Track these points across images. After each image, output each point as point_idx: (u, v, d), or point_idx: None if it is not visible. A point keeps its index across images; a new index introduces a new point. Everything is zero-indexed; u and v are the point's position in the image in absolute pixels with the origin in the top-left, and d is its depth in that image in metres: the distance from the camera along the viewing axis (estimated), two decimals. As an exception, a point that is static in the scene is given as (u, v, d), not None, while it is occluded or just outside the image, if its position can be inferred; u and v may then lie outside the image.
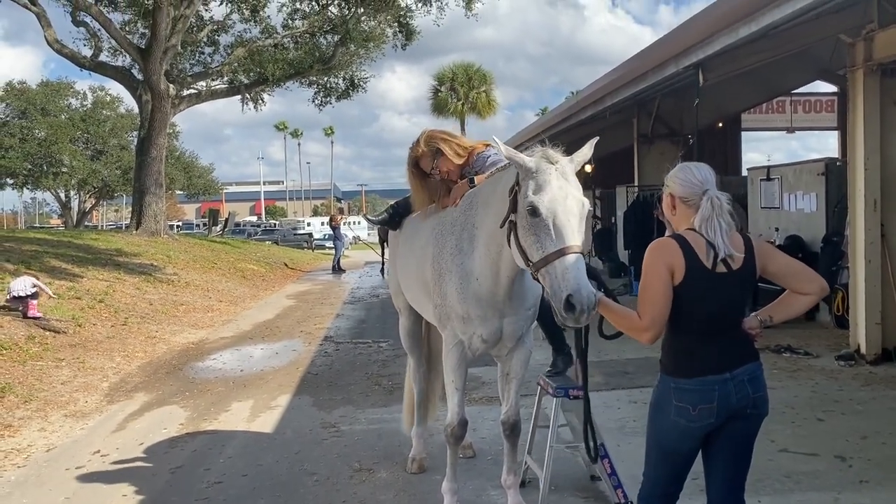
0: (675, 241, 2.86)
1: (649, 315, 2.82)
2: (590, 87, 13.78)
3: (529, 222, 3.22)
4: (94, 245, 18.44)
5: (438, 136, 4.55)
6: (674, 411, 2.88)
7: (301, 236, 46.25)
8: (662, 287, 2.82)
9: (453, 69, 42.31)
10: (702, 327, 2.86)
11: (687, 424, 2.87)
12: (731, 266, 2.84)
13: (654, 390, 3.03)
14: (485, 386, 7.35)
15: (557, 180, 3.23)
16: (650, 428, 3.03)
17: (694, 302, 2.82)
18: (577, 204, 3.22)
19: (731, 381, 2.86)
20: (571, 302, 2.93)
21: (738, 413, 2.89)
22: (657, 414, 2.97)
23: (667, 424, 2.92)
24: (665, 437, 2.95)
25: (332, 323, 12.68)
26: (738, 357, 2.91)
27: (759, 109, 19.31)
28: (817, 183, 10.46)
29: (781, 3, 6.37)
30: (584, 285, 2.96)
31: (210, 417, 6.89)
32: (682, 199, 2.95)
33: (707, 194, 2.88)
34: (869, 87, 7.70)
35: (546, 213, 3.16)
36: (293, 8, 23.78)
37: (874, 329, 7.87)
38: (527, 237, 3.26)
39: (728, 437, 2.94)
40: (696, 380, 2.85)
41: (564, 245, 3.08)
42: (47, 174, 38.69)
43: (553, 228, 3.14)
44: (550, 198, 3.18)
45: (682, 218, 2.97)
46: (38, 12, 21.90)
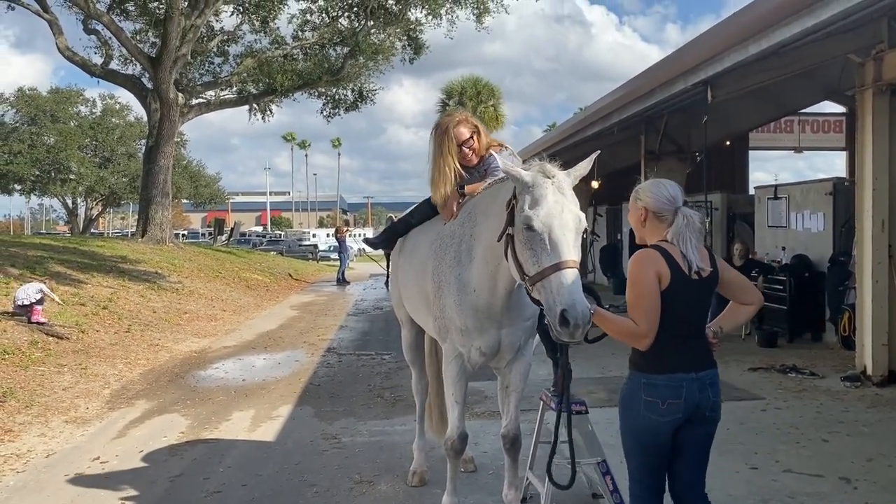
0: (657, 252, 3.06)
1: (644, 319, 3.00)
2: (597, 103, 13.78)
3: (525, 236, 3.23)
4: (99, 252, 18.48)
5: (473, 120, 4.51)
6: (643, 406, 3.06)
7: (306, 247, 46.32)
8: (653, 292, 3.00)
9: (462, 83, 42.43)
10: (677, 329, 3.05)
11: (656, 419, 3.05)
12: (702, 275, 3.07)
13: (622, 387, 3.19)
14: (487, 400, 7.30)
15: (553, 195, 3.23)
16: (622, 424, 3.18)
17: (674, 306, 3.01)
18: (573, 218, 3.22)
19: (697, 382, 3.07)
20: (566, 316, 2.96)
21: (697, 414, 3.09)
22: (627, 409, 3.13)
23: (638, 420, 3.09)
24: (640, 433, 3.11)
25: (335, 334, 12.65)
26: (704, 361, 3.14)
27: (766, 128, 19.27)
28: (825, 202, 10.42)
29: (791, 22, 6.37)
30: (579, 300, 2.98)
31: (211, 426, 6.85)
32: (656, 214, 3.15)
33: (680, 211, 3.11)
34: (878, 107, 7.69)
35: (541, 228, 3.17)
36: (303, 19, 23.92)
37: (881, 350, 7.81)
38: (523, 251, 3.26)
39: (688, 441, 3.14)
40: (667, 376, 3.04)
41: (560, 259, 3.10)
42: (55, 181, 38.89)
43: (549, 243, 3.15)
44: (546, 212, 3.18)
45: (651, 230, 3.18)
46: (50, 19, 22.09)
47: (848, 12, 5.91)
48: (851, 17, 6.32)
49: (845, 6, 5.71)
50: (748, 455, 5.57)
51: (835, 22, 6.32)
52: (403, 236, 4.90)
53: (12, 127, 38.41)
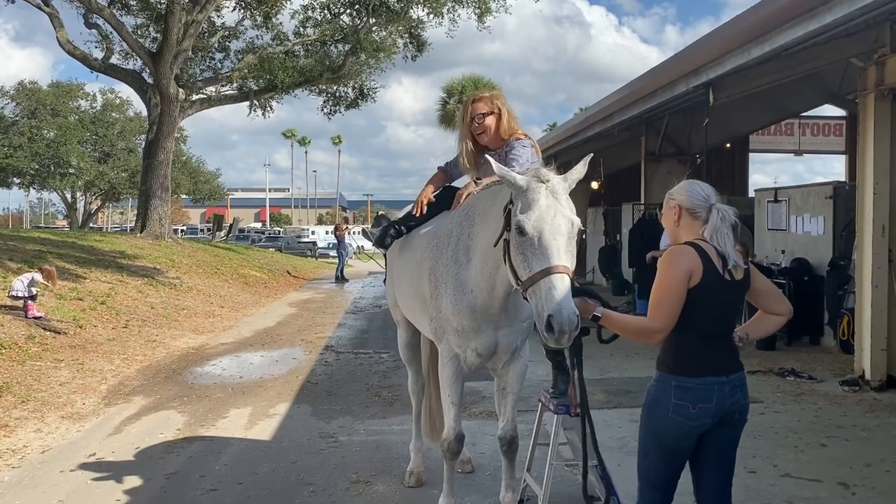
0: (692, 248, 3.00)
1: (663, 316, 2.95)
2: (599, 104, 13.78)
3: (518, 241, 3.22)
4: (97, 247, 18.46)
5: (504, 101, 4.46)
6: (672, 409, 2.99)
7: (305, 244, 46.27)
8: (680, 290, 2.94)
9: (462, 82, 42.39)
10: (707, 330, 3.00)
11: (685, 422, 2.99)
12: (735, 276, 3.03)
13: (649, 389, 3.12)
14: (485, 400, 7.28)
15: (546, 199, 3.21)
16: (647, 428, 3.11)
17: (705, 305, 2.95)
18: (565, 223, 3.20)
19: (727, 385, 3.03)
20: (552, 322, 2.96)
21: (726, 417, 3.04)
22: (654, 412, 3.06)
23: (665, 423, 3.02)
24: (665, 436, 3.05)
25: (333, 332, 12.63)
26: (734, 363, 3.10)
27: (767, 131, 19.30)
28: (825, 206, 10.40)
29: (795, 25, 6.36)
30: (565, 306, 2.96)
31: (208, 423, 6.84)
32: (690, 211, 3.10)
33: (715, 207, 3.06)
34: (880, 111, 7.68)
35: (532, 232, 3.16)
36: (305, 16, 23.88)
37: (879, 355, 7.80)
38: (516, 256, 3.25)
39: (715, 444, 3.08)
40: (698, 379, 2.99)
41: (550, 265, 3.08)
42: (54, 175, 38.85)
43: (539, 247, 3.13)
44: (537, 216, 3.17)
45: (685, 229, 3.12)
46: (51, 13, 22.06)
47: (851, 16, 5.90)
48: (854, 20, 6.31)
49: (848, 10, 5.69)
50: (746, 459, 5.55)
51: (837, 26, 6.31)
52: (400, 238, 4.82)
53: (12, 120, 38.36)
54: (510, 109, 4.45)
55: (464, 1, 22.57)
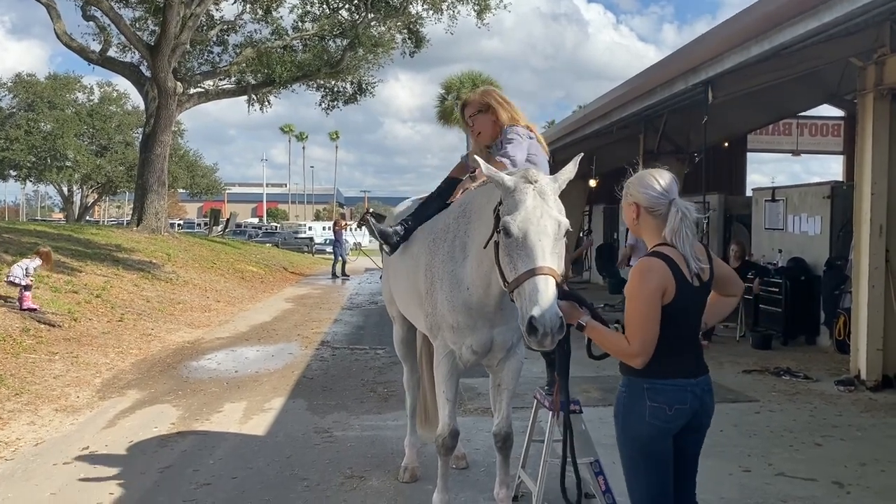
0: (663, 262, 2.84)
1: (640, 340, 2.82)
2: (597, 102, 13.74)
3: (504, 242, 3.20)
4: (93, 240, 18.41)
5: (495, 95, 4.42)
6: (648, 413, 2.87)
7: (302, 240, 46.24)
8: (654, 311, 2.81)
9: (461, 78, 42.33)
10: (678, 334, 2.88)
11: (662, 425, 2.88)
12: (703, 279, 2.91)
13: (619, 397, 2.99)
14: (480, 397, 7.27)
15: (533, 200, 3.18)
16: (626, 436, 2.97)
17: (676, 315, 2.84)
18: (552, 224, 3.16)
19: (697, 387, 2.93)
20: (534, 324, 2.92)
21: (694, 421, 2.95)
22: (630, 418, 2.93)
23: (643, 428, 2.89)
24: (646, 441, 2.91)
25: (329, 328, 12.61)
26: (701, 366, 3.00)
27: (765, 131, 19.26)
28: (823, 206, 10.41)
29: (795, 23, 6.34)
30: (547, 308, 2.93)
31: (202, 418, 6.82)
32: (648, 210, 2.94)
33: (674, 204, 2.88)
34: (879, 111, 7.66)
35: (517, 233, 3.13)
36: (304, 10, 23.82)
37: (875, 355, 7.80)
38: (503, 257, 3.24)
39: (684, 448, 2.99)
40: (671, 380, 2.88)
41: (534, 266, 3.05)
42: (51, 167, 38.78)
43: (524, 248, 3.11)
44: (523, 217, 3.14)
45: (646, 227, 2.97)
46: (48, 4, 21.97)
47: (851, 15, 5.89)
48: (854, 20, 6.30)
49: (848, 9, 5.68)
50: (741, 458, 5.55)
51: (838, 24, 6.30)
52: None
53: (9, 112, 38.25)
54: (503, 102, 4.36)
55: (463, -3, 22.55)
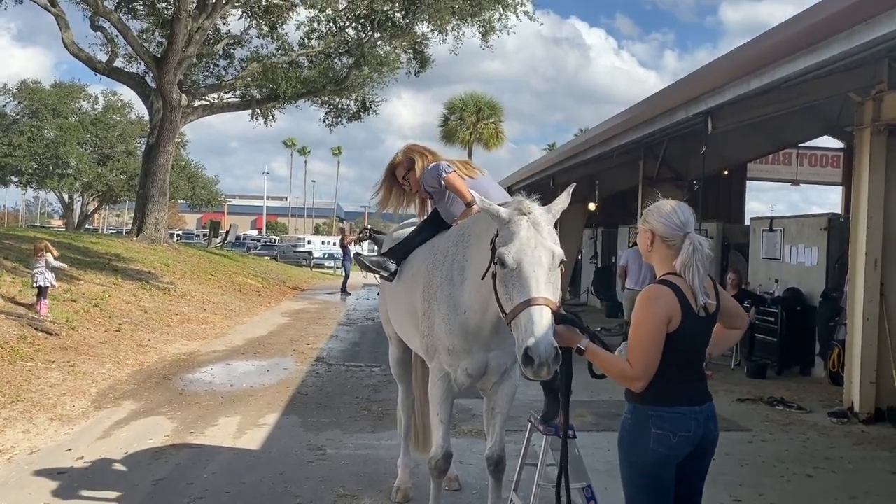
0: (671, 291, 2.89)
1: (642, 364, 2.87)
2: (598, 127, 13.87)
3: (501, 273, 3.26)
4: (93, 248, 18.45)
5: (417, 150, 4.67)
6: (653, 440, 2.90)
7: (301, 254, 46.26)
8: (658, 337, 2.86)
9: (464, 99, 42.65)
10: (683, 363, 2.94)
11: (667, 453, 2.91)
12: (709, 311, 2.97)
13: (624, 423, 3.03)
14: (474, 418, 7.29)
15: (527, 231, 3.24)
16: (628, 463, 2.99)
17: (682, 343, 2.89)
18: (546, 255, 3.21)
19: (701, 415, 2.97)
20: (529, 354, 2.96)
21: (699, 449, 2.98)
22: (635, 445, 2.95)
23: (647, 455, 2.92)
24: (650, 468, 2.94)
25: (325, 344, 12.62)
26: (705, 393, 3.04)
27: (765, 160, 19.39)
28: (819, 237, 10.48)
29: (794, 59, 6.44)
30: (542, 339, 2.97)
31: (196, 431, 6.83)
32: (663, 239, 2.99)
33: (689, 237, 2.93)
34: (876, 146, 7.76)
35: (512, 264, 3.19)
36: (311, 28, 23.99)
37: (868, 388, 7.83)
38: (500, 287, 3.29)
39: (686, 476, 3.00)
40: (675, 408, 2.92)
41: (529, 297, 3.10)
42: (52, 175, 38.82)
43: (519, 279, 3.16)
44: (517, 249, 3.20)
45: (658, 255, 3.02)
46: (57, 14, 22.13)
47: (849, 53, 5.97)
48: (853, 57, 6.39)
49: (847, 47, 5.77)
50: (732, 487, 5.57)
51: (836, 61, 6.38)
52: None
53: (13, 119, 38.38)
54: (424, 150, 4.69)
55: (468, 19, 22.73)
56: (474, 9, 22.17)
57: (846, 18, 5.68)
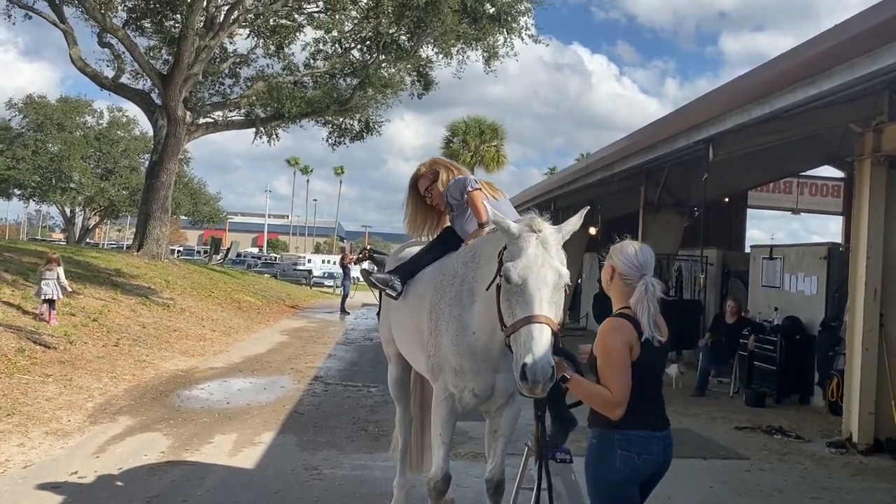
0: (628, 322, 3.14)
1: (622, 389, 3.06)
2: (600, 152, 13.94)
3: (504, 288, 3.29)
4: (94, 263, 18.47)
5: (442, 163, 4.69)
6: (619, 461, 3.10)
7: (300, 272, 46.24)
8: (626, 363, 3.08)
9: (466, 121, 42.91)
10: (644, 389, 3.14)
11: (631, 472, 3.11)
12: (662, 342, 3.20)
13: (591, 447, 3.22)
14: (472, 441, 7.25)
15: (535, 248, 3.27)
16: (597, 485, 3.17)
17: (643, 370, 3.12)
18: (552, 274, 3.25)
19: (661, 441, 3.19)
20: (525, 371, 3.00)
21: (656, 474, 3.22)
22: (602, 466, 3.14)
23: (615, 475, 3.11)
24: (618, 487, 3.13)
25: (323, 363, 12.59)
26: (665, 419, 3.27)
27: (766, 188, 19.46)
28: (819, 266, 10.49)
29: (795, 90, 6.49)
30: (540, 356, 3.01)
31: (192, 448, 6.80)
32: (622, 276, 3.25)
33: (644, 279, 3.18)
34: (876, 177, 7.78)
35: (517, 280, 3.22)
36: (316, 48, 24.20)
37: (867, 419, 7.80)
38: (503, 302, 3.33)
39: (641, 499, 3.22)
40: (641, 431, 3.13)
41: (531, 314, 3.13)
42: (55, 188, 38.92)
43: (523, 296, 3.19)
44: (524, 265, 3.23)
45: (616, 290, 3.28)
46: (65, 30, 22.35)
47: (849, 84, 6.03)
48: (853, 88, 6.45)
49: (847, 78, 5.83)
50: (729, 515, 5.54)
51: (837, 92, 6.44)
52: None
53: (17, 132, 38.56)
54: (449, 165, 4.71)
55: (473, 44, 22.93)
56: (479, 33, 22.37)
57: (847, 51, 5.75)
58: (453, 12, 20.94)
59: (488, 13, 21.97)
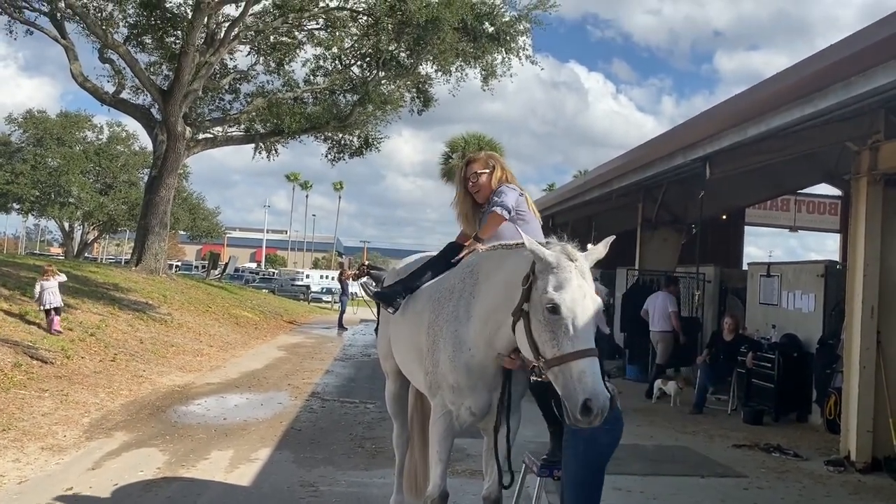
0: None
1: None
2: (598, 170, 14.01)
3: (547, 318, 3.27)
4: (92, 277, 18.45)
5: (498, 159, 4.63)
6: (604, 438, 3.77)
7: (298, 287, 46.23)
8: None
9: (465, 138, 43.05)
10: None
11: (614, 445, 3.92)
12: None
13: (574, 431, 3.60)
14: (469, 458, 7.22)
15: (577, 279, 3.30)
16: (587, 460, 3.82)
17: None
18: (593, 304, 3.32)
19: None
20: (589, 406, 3.08)
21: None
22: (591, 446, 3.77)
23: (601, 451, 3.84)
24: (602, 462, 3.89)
25: (320, 379, 12.56)
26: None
27: (763, 206, 19.54)
28: (816, 284, 10.51)
29: (791, 108, 6.55)
30: (601, 390, 3.11)
31: (188, 464, 6.77)
32: None
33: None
34: (872, 195, 7.81)
35: (566, 313, 3.23)
36: (316, 65, 24.33)
37: (865, 437, 7.78)
38: (542, 332, 3.30)
39: None
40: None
41: (583, 347, 3.18)
42: (54, 203, 38.95)
43: (572, 328, 3.21)
44: (571, 297, 3.25)
45: None
46: (66, 45, 22.45)
47: (845, 103, 6.08)
48: (849, 107, 6.50)
49: (843, 97, 5.88)
50: (727, 534, 5.52)
51: (832, 111, 6.50)
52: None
53: (17, 147, 38.65)
54: (504, 166, 4.60)
55: (472, 62, 23.07)
56: (478, 51, 22.51)
57: (843, 70, 5.80)
58: (453, 30, 21.07)
59: (488, 32, 22.11)
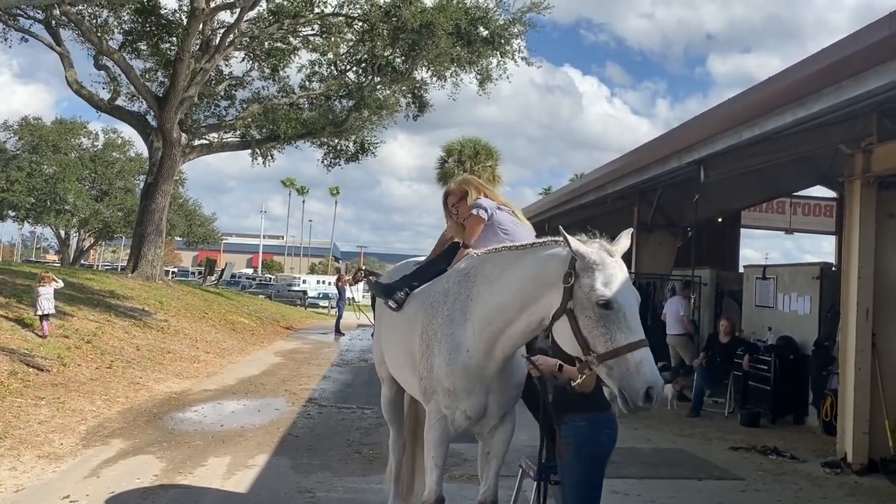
0: None
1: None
2: (594, 173, 14.03)
3: (599, 314, 3.34)
4: (88, 285, 18.41)
5: (472, 182, 4.70)
6: (605, 437, 3.81)
7: (295, 293, 46.17)
8: None
9: (461, 142, 43.07)
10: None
11: (611, 446, 3.85)
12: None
13: (578, 430, 3.75)
14: (466, 463, 7.22)
15: (622, 273, 3.41)
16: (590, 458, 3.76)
17: None
18: (636, 297, 3.46)
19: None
20: (650, 394, 3.23)
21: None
22: (592, 446, 3.77)
23: (601, 450, 3.80)
24: (602, 461, 3.82)
25: (317, 384, 12.55)
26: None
27: (759, 208, 19.54)
28: (812, 286, 10.54)
29: (784, 112, 6.58)
30: (658, 377, 3.31)
31: (185, 471, 6.76)
32: None
33: None
34: (866, 197, 7.84)
35: (619, 307, 3.33)
36: (312, 71, 24.37)
37: (861, 438, 7.79)
38: (594, 328, 3.36)
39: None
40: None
41: (638, 339, 3.29)
42: (50, 210, 38.89)
43: (624, 321, 3.31)
44: (621, 292, 3.35)
45: None
46: (61, 52, 22.45)
47: (838, 106, 6.11)
48: (842, 110, 6.53)
49: (835, 101, 5.91)
50: (724, 537, 5.53)
51: (825, 114, 6.53)
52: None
53: (13, 154, 38.60)
54: (480, 186, 4.73)
55: (467, 67, 23.12)
56: (472, 56, 22.56)
57: (835, 73, 5.83)
58: (447, 35, 21.12)
59: (482, 36, 22.17)
